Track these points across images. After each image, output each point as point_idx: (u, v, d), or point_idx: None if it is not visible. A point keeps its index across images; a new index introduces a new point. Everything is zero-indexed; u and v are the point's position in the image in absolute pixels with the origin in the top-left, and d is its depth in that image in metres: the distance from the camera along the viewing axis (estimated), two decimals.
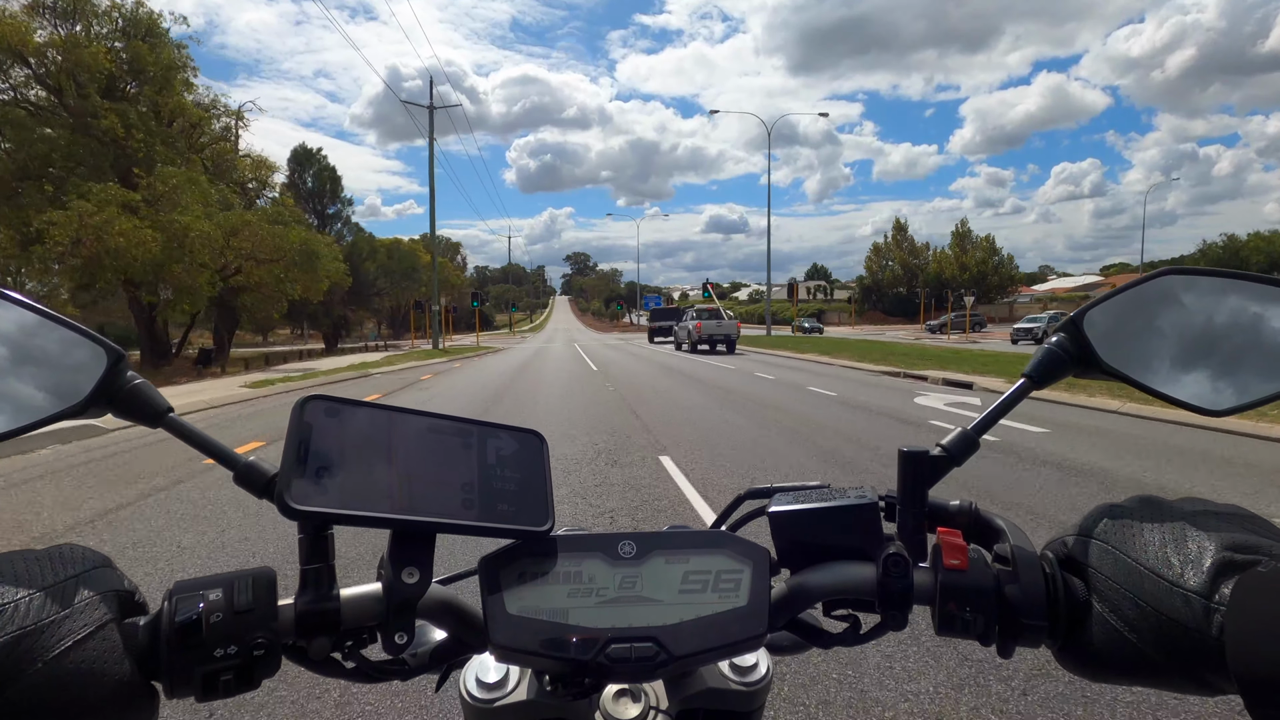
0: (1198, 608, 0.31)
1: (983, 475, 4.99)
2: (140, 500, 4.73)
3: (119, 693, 0.32)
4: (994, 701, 2.10)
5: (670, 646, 0.38)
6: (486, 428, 0.42)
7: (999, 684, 2.20)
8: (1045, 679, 2.20)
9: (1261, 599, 0.28)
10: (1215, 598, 0.31)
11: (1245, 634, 0.28)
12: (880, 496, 0.44)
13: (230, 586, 0.35)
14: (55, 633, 0.30)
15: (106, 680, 0.31)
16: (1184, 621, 0.31)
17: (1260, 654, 0.27)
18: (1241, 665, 0.28)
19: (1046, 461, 5.56)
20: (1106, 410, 8.44)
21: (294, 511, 0.35)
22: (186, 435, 0.40)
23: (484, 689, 0.49)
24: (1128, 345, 0.43)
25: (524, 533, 0.40)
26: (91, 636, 0.31)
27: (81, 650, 0.31)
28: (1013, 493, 4.58)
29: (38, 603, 0.31)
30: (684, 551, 0.41)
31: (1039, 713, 2.04)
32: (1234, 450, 5.99)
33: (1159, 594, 0.33)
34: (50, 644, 0.30)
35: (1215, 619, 0.30)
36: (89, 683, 0.31)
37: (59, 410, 0.38)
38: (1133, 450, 6.07)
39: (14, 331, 0.38)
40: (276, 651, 0.35)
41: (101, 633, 0.32)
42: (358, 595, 0.38)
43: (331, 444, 0.37)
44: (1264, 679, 0.27)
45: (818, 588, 0.41)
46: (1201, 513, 0.35)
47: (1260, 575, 0.29)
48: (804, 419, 8.27)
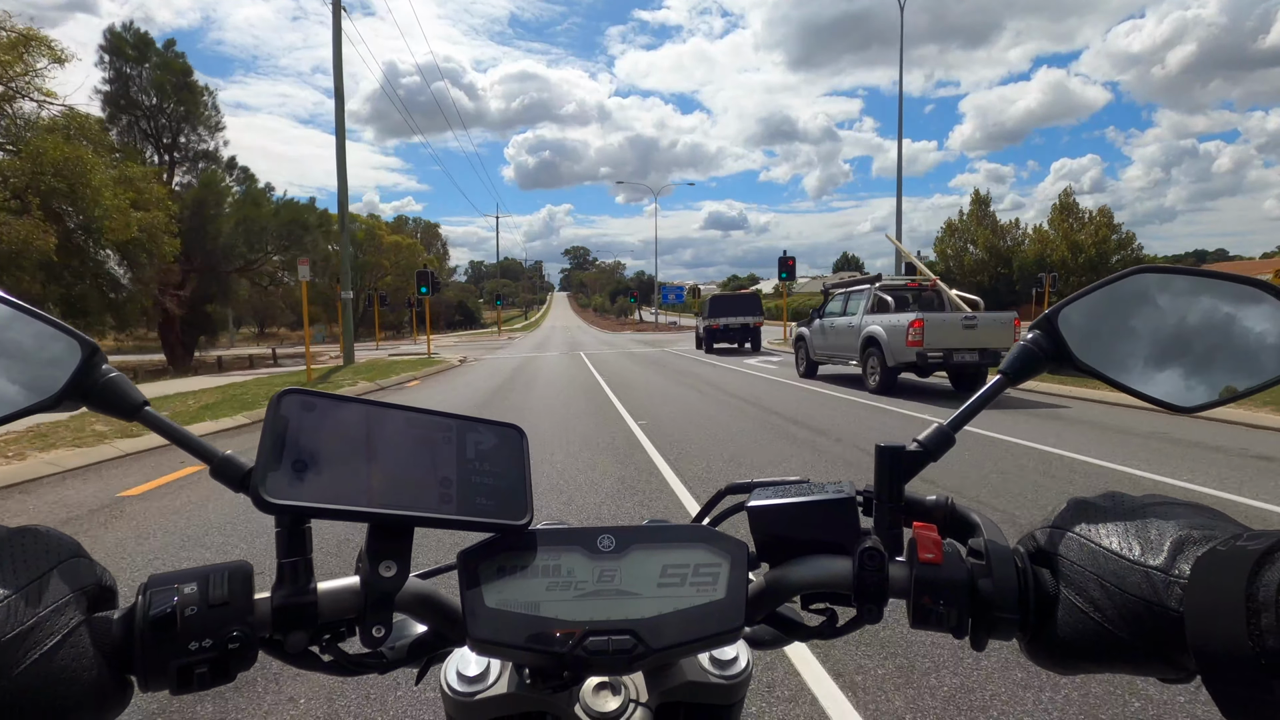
0: (1158, 582, 0.32)
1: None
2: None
3: (93, 692, 0.31)
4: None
5: (648, 639, 0.38)
6: (466, 422, 0.42)
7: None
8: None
9: (1220, 574, 0.29)
10: (1174, 571, 0.32)
11: (1204, 608, 0.29)
12: (858, 491, 0.44)
13: (205, 580, 0.35)
14: (26, 643, 0.30)
15: (80, 683, 0.31)
16: (1145, 596, 0.33)
17: (1218, 628, 0.27)
18: (1200, 639, 0.28)
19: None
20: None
21: (270, 505, 0.34)
22: (162, 428, 0.40)
23: (464, 682, 0.49)
24: (1101, 343, 0.43)
25: (503, 526, 0.40)
26: (64, 643, 0.31)
27: (54, 658, 0.30)
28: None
29: (5, 612, 0.30)
30: (663, 545, 0.42)
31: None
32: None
33: (1121, 571, 0.34)
34: (21, 655, 0.29)
35: (1174, 591, 0.31)
36: (63, 688, 0.30)
37: (33, 404, 0.37)
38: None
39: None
40: (252, 645, 0.35)
41: (73, 637, 0.31)
42: (335, 589, 0.38)
43: (308, 438, 0.37)
44: (1220, 652, 0.27)
45: (795, 581, 0.42)
46: (1164, 503, 0.37)
47: (1220, 552, 0.30)
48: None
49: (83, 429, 6.74)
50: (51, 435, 6.49)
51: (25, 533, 0.34)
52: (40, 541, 0.34)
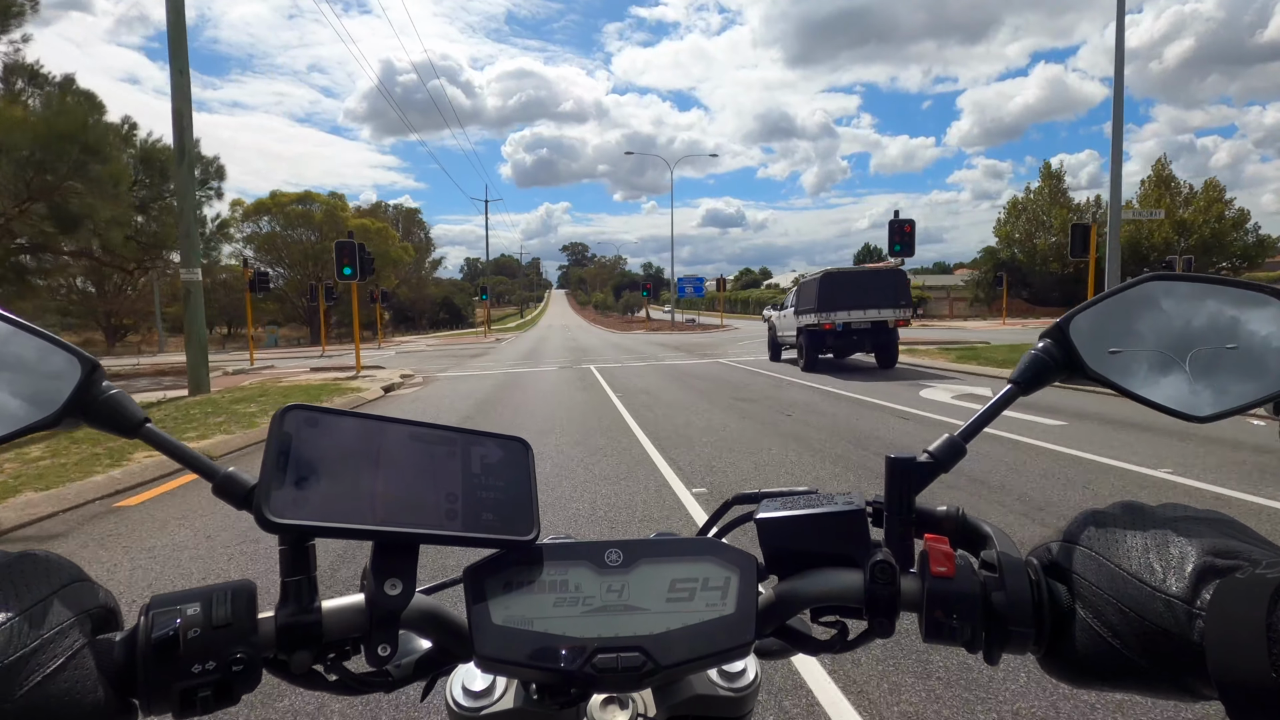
0: (1180, 613, 0.31)
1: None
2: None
3: (95, 716, 0.31)
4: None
5: (657, 656, 0.38)
6: (470, 435, 0.42)
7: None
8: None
9: (1240, 604, 0.28)
10: (1197, 603, 0.31)
11: (1225, 639, 0.28)
12: (868, 503, 0.44)
13: (209, 600, 0.35)
14: (29, 666, 0.29)
15: (83, 706, 0.30)
16: (1166, 627, 0.32)
17: (1239, 658, 0.27)
18: (1221, 670, 0.28)
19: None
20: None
21: (273, 524, 0.34)
22: (164, 446, 0.39)
23: (470, 697, 0.48)
24: (1112, 351, 0.43)
25: (509, 542, 0.39)
26: (66, 665, 0.30)
27: (56, 681, 0.30)
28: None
29: (7, 634, 0.29)
30: (671, 559, 0.41)
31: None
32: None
33: (1142, 599, 0.33)
34: (23, 679, 0.29)
35: (1197, 624, 0.31)
36: (66, 712, 0.30)
37: (33, 421, 0.37)
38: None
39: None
40: (256, 666, 0.34)
41: (76, 660, 0.31)
42: (340, 607, 0.38)
43: (312, 454, 0.36)
44: (1243, 683, 0.27)
45: (805, 595, 0.41)
46: (1183, 518, 0.35)
47: (1239, 581, 0.29)
48: None
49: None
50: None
51: (26, 558, 0.33)
52: (41, 566, 0.33)
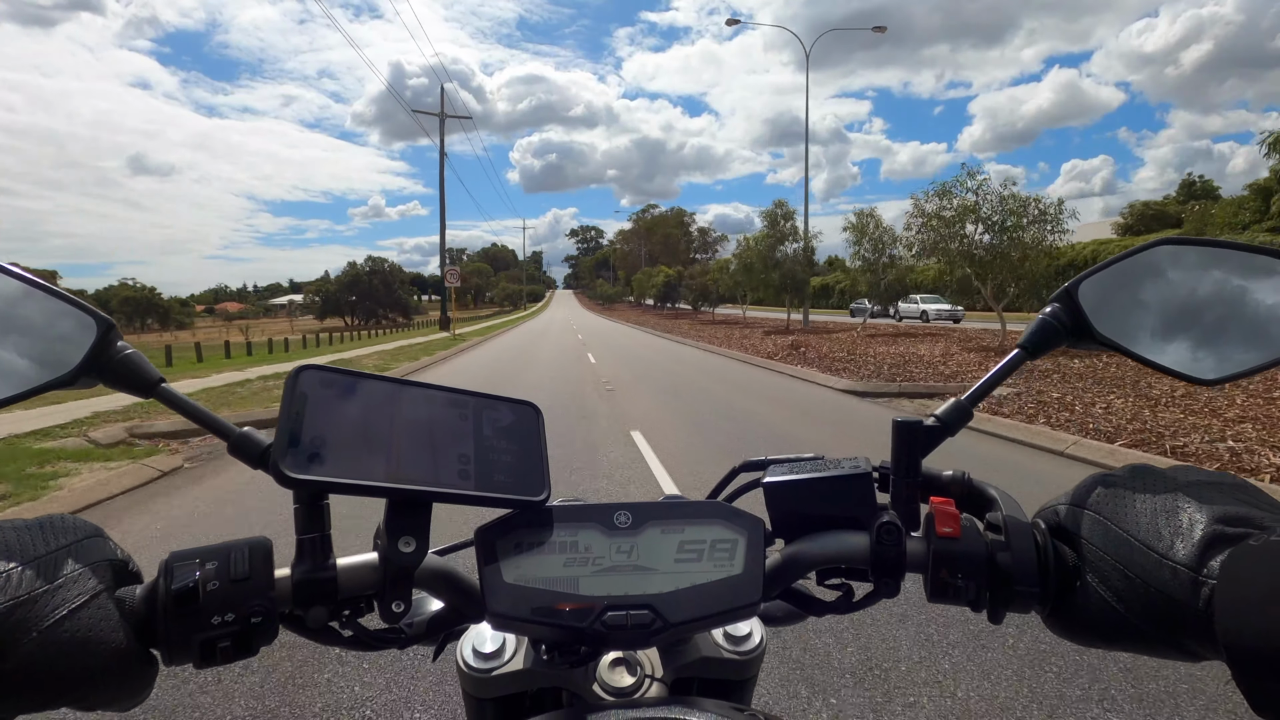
0: (1185, 581, 0.31)
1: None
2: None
3: (117, 660, 0.32)
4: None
5: (666, 614, 0.38)
6: (482, 399, 0.42)
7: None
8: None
9: (1251, 572, 0.28)
10: (1204, 571, 0.31)
11: (1234, 607, 0.29)
12: (874, 467, 0.44)
13: (226, 555, 0.35)
14: (49, 602, 0.30)
15: (104, 648, 0.31)
16: (1171, 594, 0.32)
17: (1249, 626, 0.28)
18: (1230, 637, 0.28)
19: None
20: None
21: (289, 480, 0.35)
22: (179, 405, 0.40)
23: (481, 658, 0.49)
24: (1121, 315, 0.43)
25: (520, 502, 0.40)
26: (86, 605, 0.31)
27: (76, 619, 0.30)
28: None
29: (29, 574, 0.30)
30: (679, 521, 0.42)
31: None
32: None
33: (1148, 566, 0.33)
34: (44, 613, 0.30)
35: (1203, 592, 0.31)
36: (86, 651, 0.30)
37: (49, 380, 0.37)
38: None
39: (1, 302, 0.37)
40: (274, 619, 0.35)
41: (96, 601, 0.32)
42: (354, 564, 0.38)
43: (327, 414, 0.37)
44: (1252, 650, 0.27)
45: (812, 557, 0.42)
46: (1194, 483, 0.35)
47: (1251, 549, 0.29)
48: None
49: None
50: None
51: (46, 518, 0.34)
52: (62, 522, 0.34)
